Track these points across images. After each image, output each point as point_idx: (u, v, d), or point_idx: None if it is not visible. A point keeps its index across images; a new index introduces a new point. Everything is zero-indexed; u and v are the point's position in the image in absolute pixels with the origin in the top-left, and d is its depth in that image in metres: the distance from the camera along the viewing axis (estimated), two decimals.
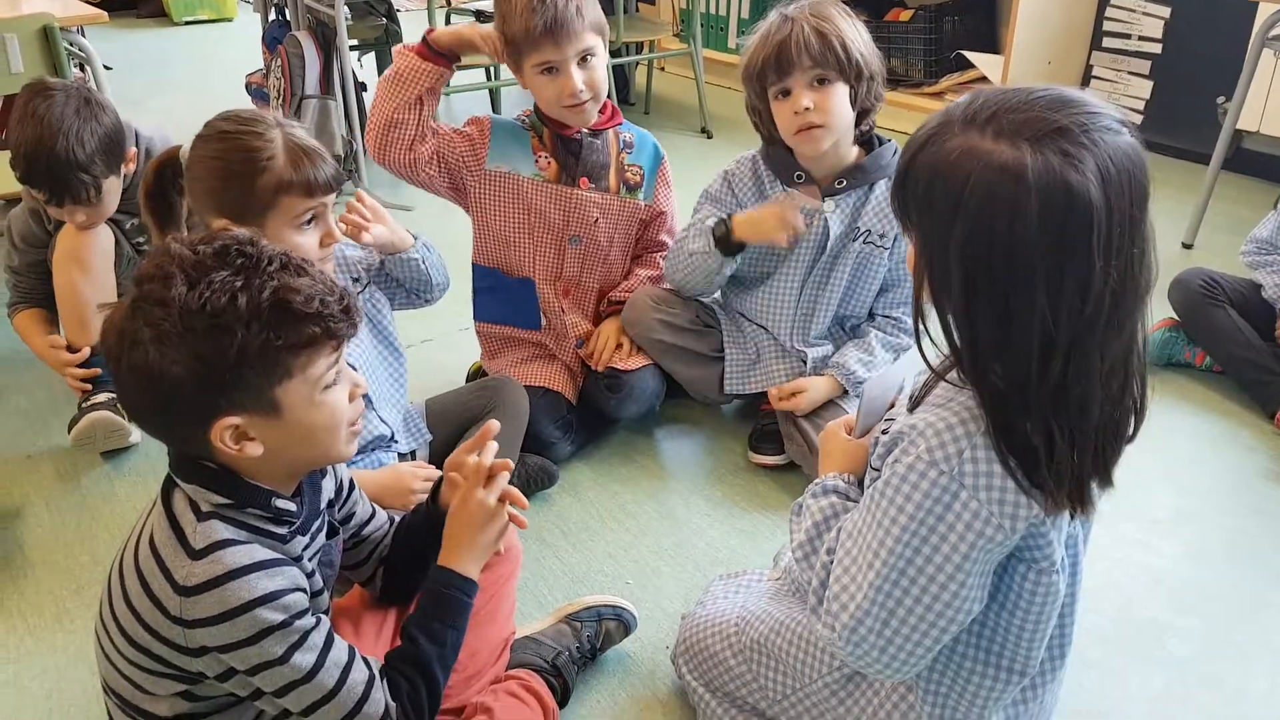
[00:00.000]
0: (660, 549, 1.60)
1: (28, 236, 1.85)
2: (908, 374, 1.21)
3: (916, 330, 0.91)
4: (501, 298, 1.86)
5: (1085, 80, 3.48)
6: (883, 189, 1.71)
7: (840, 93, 1.61)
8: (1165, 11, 3.22)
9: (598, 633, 1.34)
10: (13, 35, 1.98)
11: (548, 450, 1.76)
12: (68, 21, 2.12)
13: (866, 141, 1.73)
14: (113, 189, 1.74)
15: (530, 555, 1.54)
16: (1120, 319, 0.84)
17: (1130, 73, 3.36)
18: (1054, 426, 0.84)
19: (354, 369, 1.51)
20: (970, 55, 3.52)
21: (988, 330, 0.84)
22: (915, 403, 0.98)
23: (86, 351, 1.81)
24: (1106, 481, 0.91)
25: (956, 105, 0.86)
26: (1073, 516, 0.91)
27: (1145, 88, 3.33)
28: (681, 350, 1.80)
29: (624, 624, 1.37)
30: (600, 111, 1.78)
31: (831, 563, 0.97)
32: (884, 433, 0.99)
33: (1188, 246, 2.66)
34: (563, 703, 1.25)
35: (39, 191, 1.71)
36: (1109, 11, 3.36)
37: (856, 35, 1.62)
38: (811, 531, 1.04)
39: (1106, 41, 3.40)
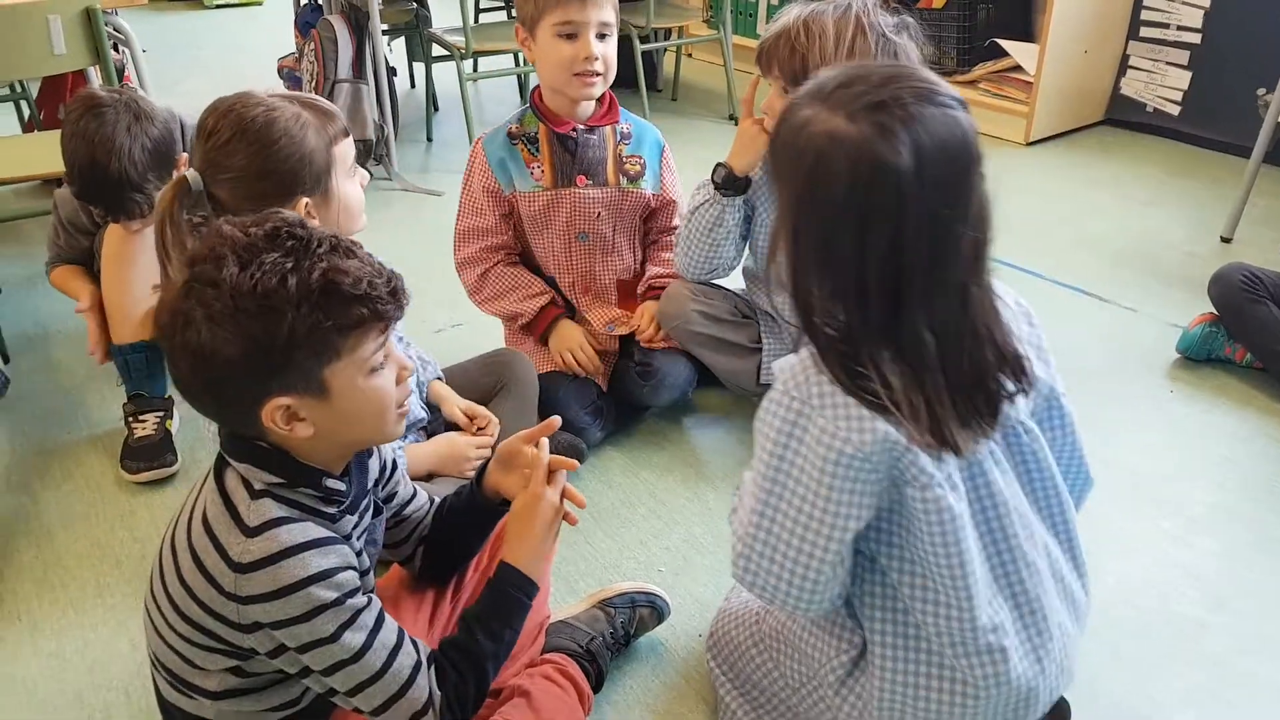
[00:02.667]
0: (692, 537, 1.60)
1: (75, 222, 1.85)
2: None
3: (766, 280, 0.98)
4: None
5: (1122, 70, 3.43)
6: None
7: None
8: (1205, 1, 3.17)
9: (631, 619, 1.34)
10: (56, 16, 1.99)
11: (579, 435, 1.76)
12: (109, 3, 2.13)
13: None
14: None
15: (562, 540, 1.54)
16: (946, 275, 0.90)
17: (1168, 63, 3.31)
18: (884, 362, 0.91)
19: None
20: (1004, 43, 3.48)
21: (810, 277, 0.94)
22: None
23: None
24: (978, 430, 0.95)
25: (814, 81, 0.95)
26: (958, 456, 0.94)
27: (1183, 78, 3.28)
28: (719, 341, 1.79)
29: (657, 611, 1.38)
30: (600, 102, 1.78)
31: None
32: None
33: (1226, 240, 2.62)
34: (596, 688, 1.26)
35: (95, 209, 1.72)
36: (1147, 0, 3.31)
37: (836, 62, 1.51)
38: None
39: (1144, 31, 3.35)
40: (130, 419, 1.78)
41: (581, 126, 1.77)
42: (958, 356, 0.93)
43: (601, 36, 1.69)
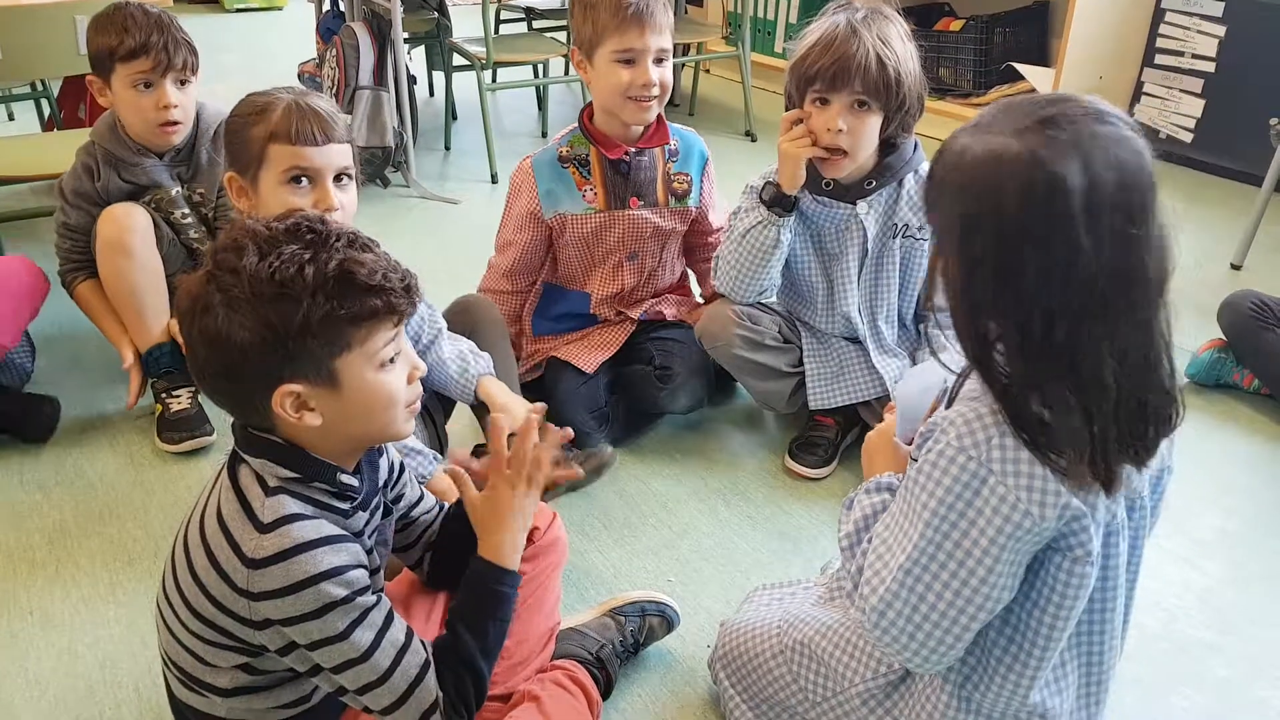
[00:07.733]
0: (702, 548, 1.61)
1: (80, 190, 1.84)
2: (947, 375, 1.20)
3: (918, 324, 0.94)
4: (559, 311, 1.91)
5: (1136, 97, 3.45)
6: (911, 183, 1.71)
7: (876, 121, 1.61)
8: (1220, 30, 3.18)
9: (641, 628, 1.35)
10: (84, 16, 2.02)
11: (584, 441, 1.75)
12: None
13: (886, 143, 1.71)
14: (194, 96, 1.82)
15: (572, 548, 1.55)
16: (1132, 300, 0.86)
17: (1182, 90, 3.33)
18: (1066, 393, 0.87)
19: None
20: (1020, 67, 3.49)
21: (988, 311, 0.88)
22: (950, 401, 1.00)
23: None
24: (1140, 463, 0.92)
25: (969, 123, 0.92)
26: (1109, 494, 0.92)
27: (1197, 106, 3.30)
28: (759, 365, 1.78)
29: (667, 620, 1.38)
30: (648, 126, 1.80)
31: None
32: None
33: (1236, 268, 2.63)
34: (605, 695, 1.26)
35: (141, 59, 1.73)
36: (1163, 28, 3.33)
37: (912, 67, 1.60)
38: (860, 524, 1.06)
39: (1159, 59, 3.37)
40: (164, 394, 1.83)
41: (632, 150, 1.79)
42: (1134, 388, 0.89)
43: (659, 61, 1.72)
